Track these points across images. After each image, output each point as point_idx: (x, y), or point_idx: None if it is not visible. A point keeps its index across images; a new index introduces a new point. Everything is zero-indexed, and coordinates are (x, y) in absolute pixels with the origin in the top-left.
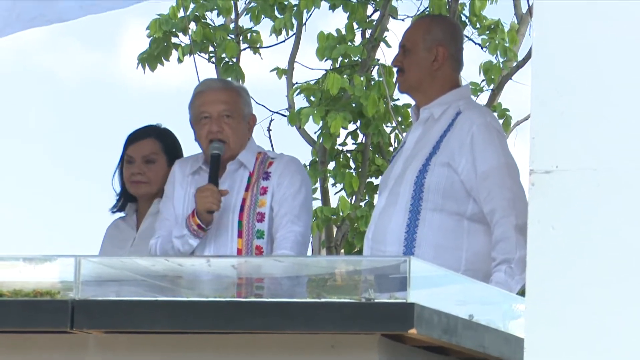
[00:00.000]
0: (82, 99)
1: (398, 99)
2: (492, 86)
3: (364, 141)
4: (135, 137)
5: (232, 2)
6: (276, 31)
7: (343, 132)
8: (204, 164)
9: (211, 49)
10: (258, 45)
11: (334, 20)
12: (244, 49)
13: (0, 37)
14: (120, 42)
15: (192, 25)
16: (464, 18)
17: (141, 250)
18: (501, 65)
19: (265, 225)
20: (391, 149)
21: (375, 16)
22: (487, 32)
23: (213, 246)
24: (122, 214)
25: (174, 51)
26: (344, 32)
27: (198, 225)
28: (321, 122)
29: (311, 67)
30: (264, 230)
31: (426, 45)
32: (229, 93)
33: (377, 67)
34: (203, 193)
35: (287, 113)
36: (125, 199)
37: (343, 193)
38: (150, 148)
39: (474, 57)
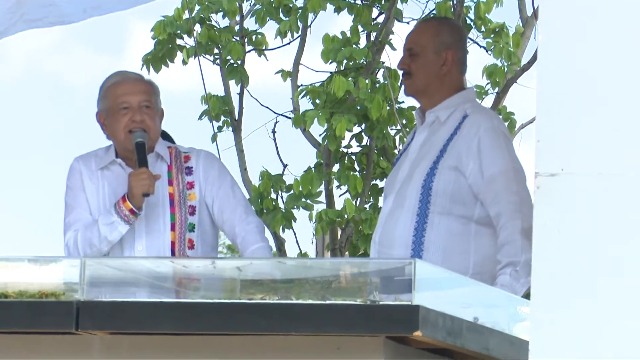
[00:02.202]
0: (88, 102)
1: (403, 102)
2: (496, 89)
3: (368, 144)
4: None
5: (237, 4)
6: (281, 33)
7: (348, 135)
8: (117, 157)
9: (216, 51)
10: (263, 48)
11: (339, 23)
12: (249, 51)
13: (4, 37)
14: (127, 45)
15: (197, 27)
16: (468, 21)
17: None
18: (506, 69)
19: (196, 219)
20: (396, 151)
21: (381, 19)
22: (492, 35)
23: (145, 239)
24: None
25: (178, 53)
26: (349, 34)
27: (130, 210)
28: (326, 124)
29: (316, 69)
30: (195, 223)
31: (435, 49)
32: (147, 85)
33: (382, 69)
34: (139, 176)
35: (292, 115)
36: None
37: (348, 195)
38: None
39: (478, 60)
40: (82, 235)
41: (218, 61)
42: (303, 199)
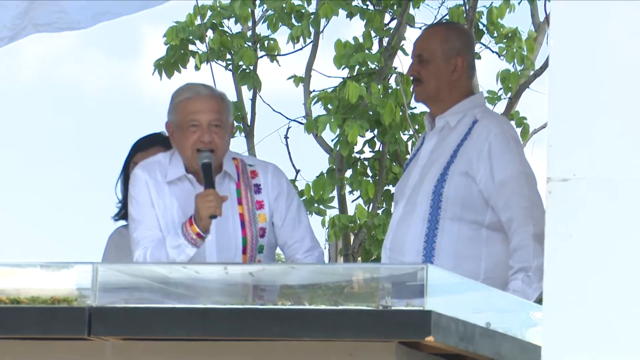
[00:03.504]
0: (102, 108)
1: (415, 107)
2: (509, 94)
3: (381, 149)
4: (142, 145)
5: (250, 9)
6: (293, 39)
7: (360, 140)
8: (187, 172)
9: (228, 56)
10: (275, 53)
11: (352, 28)
12: (261, 57)
13: (14, 41)
14: (140, 51)
15: (210, 33)
16: (481, 26)
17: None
18: (519, 74)
19: (265, 240)
20: (408, 156)
21: (393, 24)
22: (505, 40)
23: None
24: (124, 222)
25: (191, 59)
26: (361, 40)
27: (197, 233)
28: (338, 130)
29: (328, 74)
30: (264, 245)
31: (444, 55)
32: (218, 101)
33: (394, 75)
34: (206, 198)
35: (304, 121)
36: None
37: (360, 201)
38: None
39: (491, 65)
40: (151, 254)
41: (230, 67)
42: (315, 204)
